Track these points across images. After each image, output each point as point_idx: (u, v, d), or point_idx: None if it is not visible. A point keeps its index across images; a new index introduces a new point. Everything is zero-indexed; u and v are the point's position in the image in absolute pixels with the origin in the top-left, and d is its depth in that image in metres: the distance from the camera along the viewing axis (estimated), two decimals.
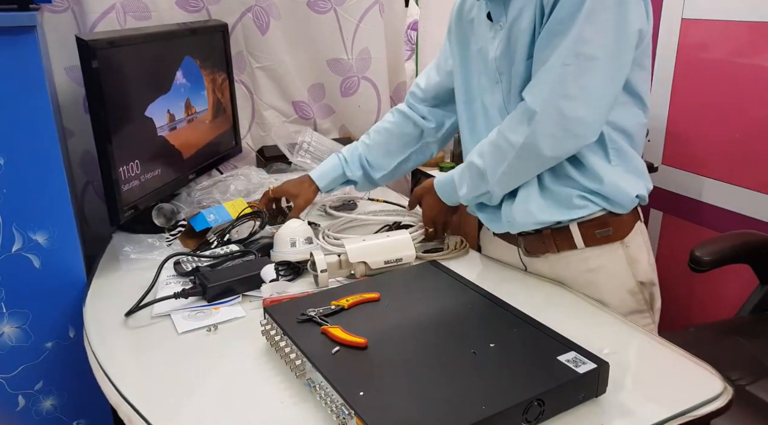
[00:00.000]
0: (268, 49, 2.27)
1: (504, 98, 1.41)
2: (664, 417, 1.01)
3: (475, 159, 1.41)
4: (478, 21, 1.46)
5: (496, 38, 1.39)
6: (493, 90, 1.44)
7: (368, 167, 1.78)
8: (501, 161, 1.35)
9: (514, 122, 1.31)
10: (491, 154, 1.37)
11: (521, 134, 1.29)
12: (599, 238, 1.40)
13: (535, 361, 1.04)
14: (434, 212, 1.64)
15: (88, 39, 1.51)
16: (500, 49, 1.38)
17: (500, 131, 1.35)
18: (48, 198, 1.50)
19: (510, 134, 1.31)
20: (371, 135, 1.80)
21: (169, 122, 1.84)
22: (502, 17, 1.37)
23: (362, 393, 0.96)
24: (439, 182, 1.57)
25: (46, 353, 1.60)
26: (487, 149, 1.38)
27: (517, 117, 1.30)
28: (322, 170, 1.79)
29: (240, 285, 1.44)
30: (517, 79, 1.36)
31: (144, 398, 1.10)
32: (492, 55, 1.41)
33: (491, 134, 1.38)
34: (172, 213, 1.81)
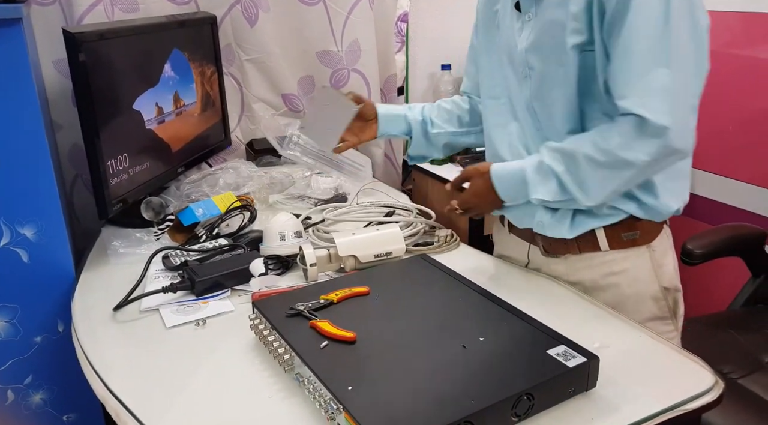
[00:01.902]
0: (257, 42, 2.25)
1: (532, 94, 1.34)
2: (654, 410, 1.01)
3: (559, 170, 1.25)
4: (504, 11, 1.40)
5: (525, 30, 1.33)
6: (521, 85, 1.37)
7: (428, 121, 1.66)
8: (611, 180, 1.22)
9: (629, 139, 1.16)
10: (594, 171, 1.21)
11: (646, 153, 1.16)
12: (625, 241, 1.35)
13: (524, 355, 1.04)
14: (479, 200, 1.41)
15: (75, 32, 1.50)
16: (530, 42, 1.31)
17: (606, 149, 1.19)
18: (36, 192, 1.50)
19: (627, 153, 1.17)
20: (443, 102, 1.71)
21: (158, 115, 1.83)
22: (531, 7, 1.30)
23: (351, 387, 0.95)
24: (503, 173, 1.35)
25: (35, 347, 1.60)
26: (585, 166, 1.22)
27: (631, 132, 1.16)
28: (386, 106, 1.69)
29: (229, 279, 1.43)
30: (552, 76, 1.28)
31: (132, 392, 1.09)
32: (520, 47, 1.33)
33: (577, 145, 1.23)
34: (160, 207, 1.80)
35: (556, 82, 1.27)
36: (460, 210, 1.43)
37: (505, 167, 1.36)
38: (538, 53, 1.30)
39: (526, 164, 1.30)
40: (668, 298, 1.41)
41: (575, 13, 1.20)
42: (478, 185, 1.40)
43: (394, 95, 2.56)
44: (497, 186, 1.35)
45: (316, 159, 2.13)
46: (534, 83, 1.33)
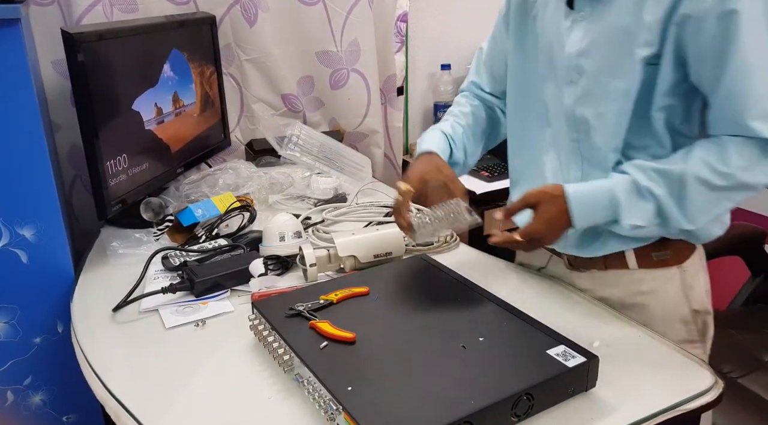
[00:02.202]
0: (257, 42, 2.25)
1: (576, 102, 1.23)
2: (654, 410, 1.01)
3: (660, 193, 1.13)
4: (546, 3, 1.28)
5: (575, 30, 1.21)
6: (562, 90, 1.25)
7: (468, 150, 1.49)
8: (721, 202, 1.15)
9: (752, 161, 1.09)
10: (705, 195, 1.12)
11: (757, 177, 1.10)
12: (655, 260, 1.29)
13: (524, 355, 1.04)
14: (550, 229, 1.20)
15: (73, 32, 1.50)
16: (584, 45, 1.19)
17: (726, 173, 1.10)
18: (35, 193, 1.50)
19: (749, 176, 1.09)
20: (463, 118, 1.50)
21: (157, 116, 1.83)
22: (587, 6, 1.18)
23: (350, 388, 0.95)
24: (583, 196, 1.18)
25: (34, 348, 1.60)
26: (695, 189, 1.12)
27: (755, 155, 1.08)
28: (438, 146, 1.42)
29: (228, 280, 1.43)
30: (607, 87, 1.18)
31: (131, 393, 1.09)
32: (570, 49, 1.21)
33: (686, 167, 1.12)
34: (160, 207, 1.80)
35: (611, 94, 1.18)
36: (524, 241, 1.20)
37: (584, 190, 1.19)
38: (593, 59, 1.19)
39: (614, 184, 1.17)
40: (698, 321, 1.34)
41: (649, 23, 1.10)
42: (550, 212, 1.19)
43: (393, 95, 2.56)
44: (575, 211, 1.17)
45: (315, 159, 2.13)
46: (580, 91, 1.22)
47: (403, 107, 2.66)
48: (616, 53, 1.16)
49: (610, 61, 1.17)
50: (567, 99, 1.25)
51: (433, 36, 2.74)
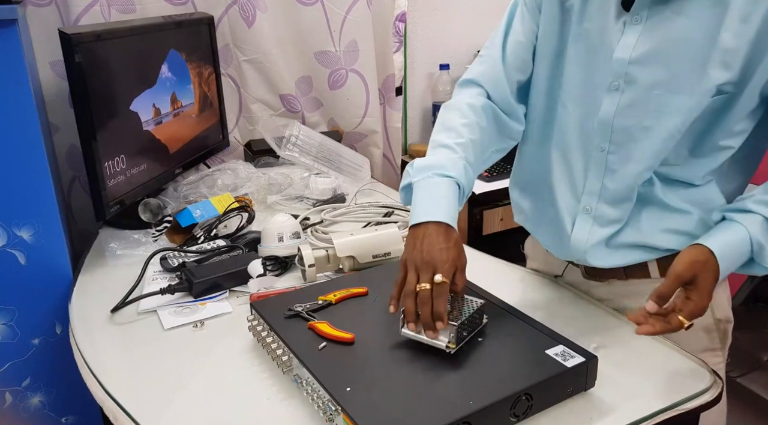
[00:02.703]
0: (255, 42, 2.25)
1: (619, 111, 1.15)
2: (653, 410, 1.01)
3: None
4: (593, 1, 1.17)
5: (629, 34, 1.11)
6: (601, 95, 1.16)
7: (472, 174, 1.24)
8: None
9: None
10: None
11: None
12: None
13: (523, 355, 1.04)
14: (711, 295, 1.06)
15: (71, 33, 1.49)
16: (642, 52, 1.10)
17: None
18: (33, 194, 1.50)
19: None
20: (465, 131, 1.24)
21: (155, 117, 1.83)
22: (644, 10, 1.09)
23: (349, 388, 0.95)
24: (727, 250, 1.06)
25: (33, 349, 1.59)
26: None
27: None
28: (449, 213, 1.14)
29: (227, 281, 1.43)
30: (660, 102, 1.10)
31: (129, 394, 1.09)
32: (621, 54, 1.12)
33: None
34: (158, 208, 1.80)
35: (663, 110, 1.10)
36: (690, 322, 1.05)
37: (726, 242, 1.08)
38: (650, 71, 1.10)
39: (750, 229, 1.07)
40: (719, 329, 1.29)
41: (729, 46, 1.03)
42: (708, 280, 1.05)
43: (392, 95, 2.56)
44: (722, 267, 1.05)
45: (314, 160, 2.13)
46: (626, 100, 1.14)
47: (402, 107, 2.66)
48: (679, 67, 1.07)
49: (669, 74, 1.09)
50: (607, 106, 1.16)
51: (432, 36, 2.74)
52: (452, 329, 1.02)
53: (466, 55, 2.83)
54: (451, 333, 1.02)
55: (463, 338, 1.05)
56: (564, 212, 1.26)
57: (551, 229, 1.31)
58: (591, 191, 1.22)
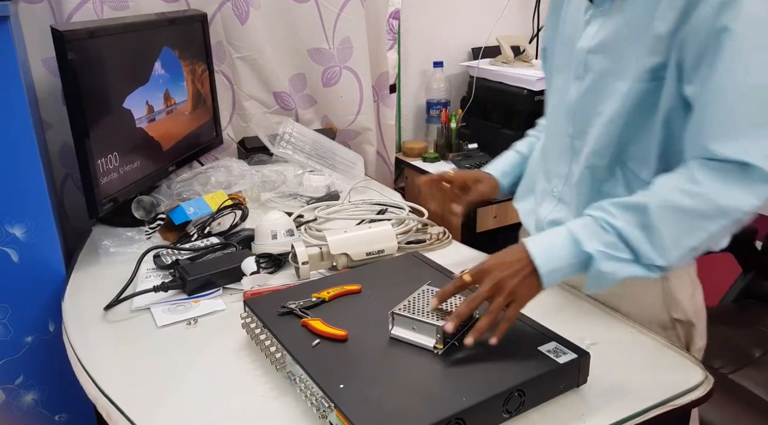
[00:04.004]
0: (248, 39, 2.25)
1: (579, 99, 1.22)
2: (645, 406, 1.01)
3: (620, 225, 1.04)
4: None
5: (592, 24, 1.18)
6: (570, 85, 1.24)
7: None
8: (695, 232, 1.02)
9: (728, 185, 1.00)
10: (674, 221, 1.02)
11: (748, 203, 1.00)
12: None
13: (515, 352, 1.04)
14: (502, 263, 1.05)
15: (63, 30, 1.49)
16: (597, 42, 1.17)
17: (698, 192, 1.01)
18: (25, 191, 1.49)
19: (725, 199, 1.00)
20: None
21: (148, 114, 1.83)
22: (605, 3, 1.16)
23: (342, 385, 0.95)
24: (540, 237, 1.08)
25: (26, 347, 1.59)
26: (660, 216, 1.02)
27: (731, 178, 1.00)
28: (503, 166, 1.51)
29: (220, 278, 1.43)
30: (608, 88, 1.15)
31: (123, 392, 1.09)
32: (582, 44, 1.19)
33: (647, 195, 1.05)
34: (151, 206, 1.80)
35: (613, 95, 1.15)
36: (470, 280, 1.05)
37: (542, 234, 1.10)
38: (602, 58, 1.17)
39: (570, 223, 1.08)
40: (678, 329, 1.29)
41: (659, 29, 1.06)
42: (505, 252, 1.08)
43: (386, 93, 2.56)
44: (532, 249, 1.05)
45: (307, 157, 2.12)
46: (585, 87, 1.20)
47: (396, 104, 2.66)
48: (624, 55, 1.12)
49: (617, 61, 1.14)
50: (572, 93, 1.24)
51: (426, 33, 2.75)
52: (439, 329, 1.02)
53: (460, 53, 2.84)
54: (438, 334, 1.02)
55: (452, 338, 1.05)
56: (538, 192, 1.37)
57: (529, 210, 1.41)
58: (559, 174, 1.30)
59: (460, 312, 1.02)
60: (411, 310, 1.07)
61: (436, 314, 1.06)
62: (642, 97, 1.11)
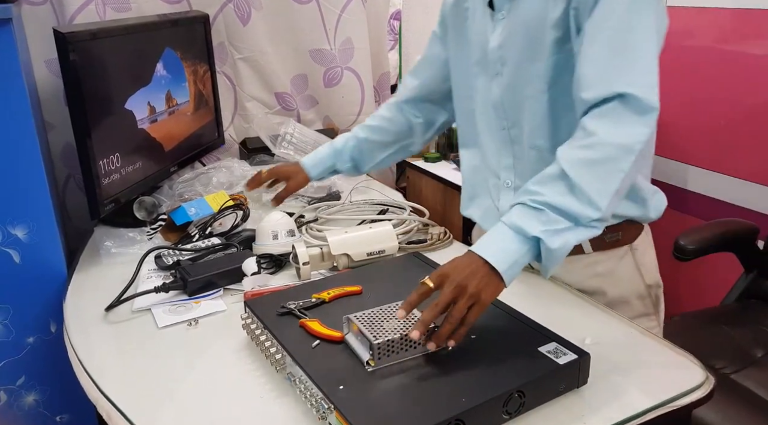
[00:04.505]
0: (250, 40, 2.25)
1: (503, 92, 1.31)
2: (645, 407, 1.01)
3: (546, 198, 1.06)
4: (474, 9, 1.36)
5: (498, 28, 1.29)
6: (492, 83, 1.34)
7: (358, 159, 1.71)
8: (611, 176, 1.06)
9: (617, 122, 1.06)
10: (589, 174, 1.06)
11: (639, 133, 1.06)
12: (608, 242, 1.33)
13: (515, 353, 1.04)
14: (456, 267, 1.06)
15: (65, 32, 1.49)
16: (503, 38, 1.28)
17: (595, 143, 1.06)
18: (27, 192, 1.50)
19: (615, 135, 1.06)
20: (365, 130, 1.70)
21: (150, 115, 1.83)
22: (506, 5, 1.27)
23: (342, 386, 0.95)
24: (484, 236, 1.10)
25: (27, 348, 1.60)
26: (577, 175, 1.05)
27: (617, 113, 1.07)
28: (315, 159, 1.74)
29: (221, 279, 1.43)
30: (525, 72, 1.25)
31: (123, 393, 1.09)
32: (492, 44, 1.30)
33: (569, 153, 1.08)
34: (153, 206, 1.80)
35: (532, 78, 1.24)
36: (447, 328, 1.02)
37: (498, 246, 1.07)
38: (513, 48, 1.27)
39: (504, 217, 1.09)
40: (651, 294, 1.41)
41: (555, 16, 1.17)
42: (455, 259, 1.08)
43: (387, 93, 2.57)
44: (478, 247, 1.07)
45: None
46: (505, 80, 1.30)
47: None
48: (531, 38, 1.23)
49: (526, 46, 1.24)
50: (495, 90, 1.33)
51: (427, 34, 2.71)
52: (373, 345, 0.99)
53: None
54: (371, 351, 1.00)
55: (390, 357, 1.01)
56: (492, 190, 1.42)
57: (487, 209, 1.45)
58: (506, 167, 1.37)
59: (425, 319, 1.01)
60: (365, 319, 1.05)
61: (387, 330, 1.02)
62: (557, 71, 1.21)
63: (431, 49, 1.59)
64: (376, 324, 1.04)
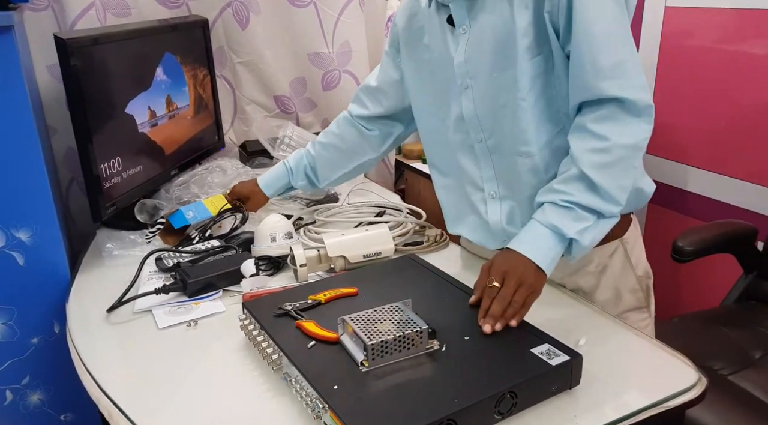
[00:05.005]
0: (249, 44, 2.27)
1: (476, 104, 1.32)
2: (637, 407, 1.02)
3: (577, 199, 1.16)
4: (431, 27, 1.37)
5: (460, 43, 1.30)
6: (461, 98, 1.34)
7: (313, 177, 1.73)
8: (625, 173, 1.18)
9: (621, 123, 1.16)
10: (608, 176, 1.16)
11: (644, 131, 1.17)
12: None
13: (508, 354, 1.05)
14: (504, 270, 1.17)
15: (65, 37, 1.51)
16: (468, 53, 1.29)
17: (607, 147, 1.15)
18: (30, 196, 1.51)
19: (623, 138, 1.16)
20: (317, 147, 1.72)
21: (150, 119, 1.85)
22: (465, 20, 1.28)
23: (336, 386, 0.97)
24: (522, 234, 1.21)
25: (32, 348, 1.62)
26: (597, 176, 1.15)
27: (619, 116, 1.15)
28: (269, 178, 1.77)
29: (220, 280, 1.45)
30: (498, 81, 1.26)
31: (124, 392, 1.11)
32: (458, 58, 1.31)
33: (587, 158, 1.17)
34: (154, 209, 1.82)
35: (501, 87, 1.26)
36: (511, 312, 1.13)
37: (521, 233, 1.21)
38: (479, 61, 1.28)
39: (540, 216, 1.20)
40: (642, 286, 1.44)
41: (523, 25, 1.19)
42: (499, 260, 1.20)
43: None
44: (521, 248, 1.18)
45: None
46: (476, 92, 1.31)
47: None
48: (500, 48, 1.24)
49: (495, 57, 1.25)
50: (466, 104, 1.33)
51: None
52: (367, 346, 1.01)
53: None
54: (365, 351, 1.02)
55: (384, 358, 1.03)
56: (479, 206, 1.41)
57: (476, 225, 1.43)
58: (488, 178, 1.37)
59: (495, 312, 1.12)
60: (359, 320, 1.07)
61: (381, 332, 1.04)
62: (531, 77, 1.22)
63: (385, 70, 1.60)
64: (371, 325, 1.06)
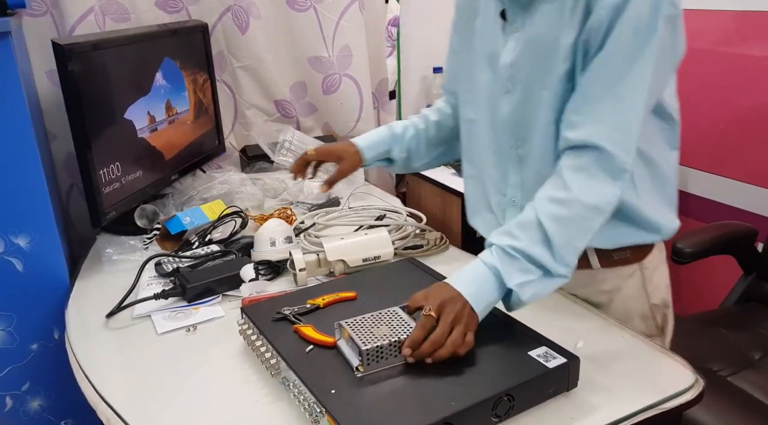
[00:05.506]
0: (249, 49, 2.27)
1: (513, 111, 1.25)
2: (634, 409, 1.02)
3: (522, 246, 1.08)
4: (486, 14, 1.30)
5: (510, 41, 1.23)
6: (501, 100, 1.28)
7: (414, 151, 1.57)
8: (580, 235, 1.11)
9: (592, 179, 1.10)
10: (561, 232, 1.08)
11: (611, 192, 1.10)
12: (616, 259, 1.30)
13: (505, 356, 1.06)
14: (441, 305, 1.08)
15: (63, 43, 1.52)
16: (515, 56, 1.22)
17: (567, 199, 1.09)
18: (29, 202, 1.52)
19: (587, 196, 1.09)
20: (425, 121, 1.57)
21: (150, 124, 1.85)
22: (518, 18, 1.21)
23: (334, 391, 0.97)
24: (461, 273, 1.13)
25: (31, 354, 1.62)
26: (551, 228, 1.08)
27: (592, 169, 1.10)
28: (371, 141, 1.57)
29: (220, 285, 1.45)
30: (536, 97, 1.20)
31: (122, 398, 1.11)
32: (504, 60, 1.24)
33: (545, 206, 1.10)
34: (154, 214, 1.82)
35: (538, 103, 1.20)
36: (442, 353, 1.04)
37: (461, 270, 1.13)
38: (524, 70, 1.22)
39: (483, 256, 1.12)
40: (657, 316, 1.37)
41: (567, 42, 1.13)
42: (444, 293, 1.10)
43: (386, 99, 2.58)
44: (458, 286, 1.09)
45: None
46: (516, 100, 1.25)
47: (396, 110, 2.68)
48: (542, 65, 1.18)
49: (537, 71, 1.19)
50: (504, 108, 1.27)
51: (425, 39, 2.74)
52: (362, 351, 1.01)
53: None
54: (360, 357, 1.02)
55: (379, 363, 1.03)
56: (495, 207, 1.37)
57: (492, 225, 1.37)
58: (514, 184, 1.31)
59: (424, 352, 1.03)
60: (356, 325, 1.07)
61: (377, 336, 1.04)
62: (563, 103, 1.16)
63: (453, 44, 1.50)
64: (367, 330, 1.06)
